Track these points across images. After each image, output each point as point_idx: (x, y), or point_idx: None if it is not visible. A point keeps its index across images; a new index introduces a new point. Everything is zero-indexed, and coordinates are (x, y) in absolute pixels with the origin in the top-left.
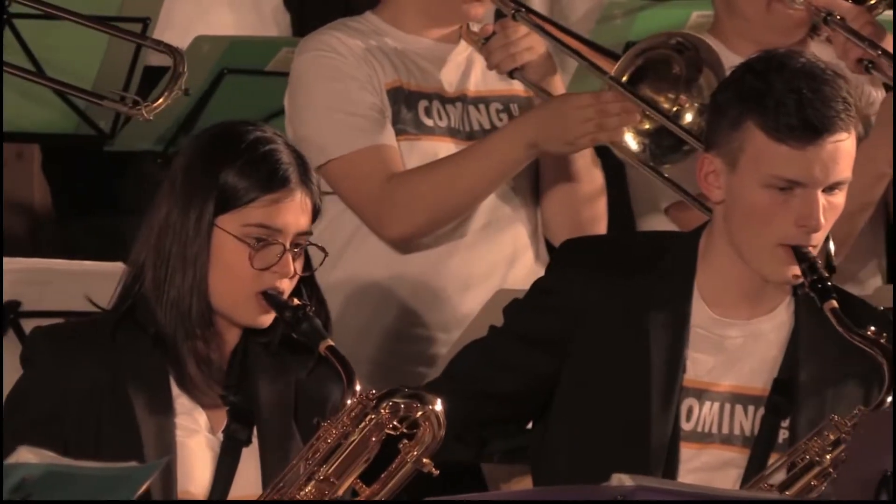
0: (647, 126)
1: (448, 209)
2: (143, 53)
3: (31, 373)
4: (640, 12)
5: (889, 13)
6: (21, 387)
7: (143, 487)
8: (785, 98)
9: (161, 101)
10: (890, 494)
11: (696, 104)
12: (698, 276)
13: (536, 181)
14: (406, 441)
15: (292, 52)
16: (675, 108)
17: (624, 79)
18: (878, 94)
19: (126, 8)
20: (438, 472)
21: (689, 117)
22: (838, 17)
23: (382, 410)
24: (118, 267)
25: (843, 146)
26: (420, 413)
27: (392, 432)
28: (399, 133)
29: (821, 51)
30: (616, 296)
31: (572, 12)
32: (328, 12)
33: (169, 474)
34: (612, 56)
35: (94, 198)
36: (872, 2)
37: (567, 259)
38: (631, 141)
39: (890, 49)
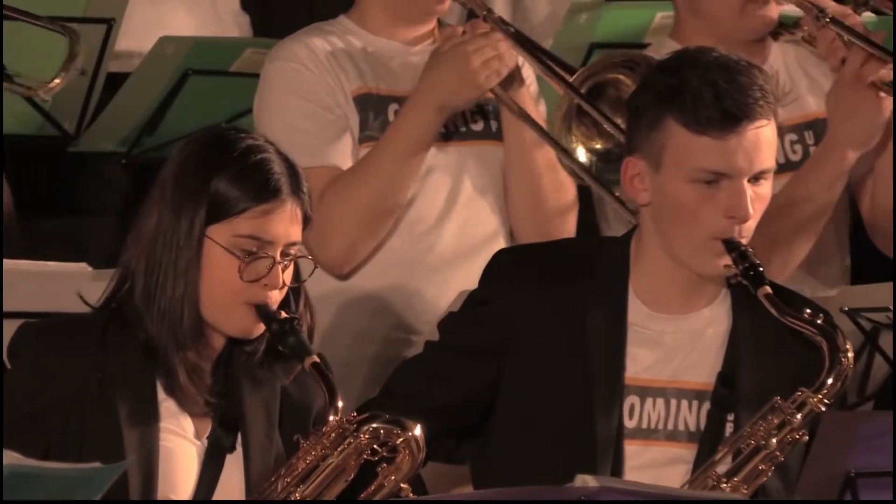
0: (598, 146)
1: (380, 203)
2: (105, 59)
3: (18, 368)
4: (604, 13)
5: (868, 15)
6: (7, 383)
7: (108, 489)
8: (701, 91)
9: (58, 80)
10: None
11: None
12: (632, 278)
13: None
14: (385, 465)
15: (256, 53)
16: None
17: (582, 90)
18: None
19: (90, 9)
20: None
21: None
22: (830, 15)
23: (362, 435)
24: (81, 268)
25: (764, 133)
26: (400, 439)
27: (371, 457)
28: (366, 140)
29: (786, 53)
30: (551, 301)
31: (534, 14)
32: (293, 11)
33: (149, 478)
34: (570, 70)
35: (57, 198)
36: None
37: (499, 269)
38: (581, 156)
39: None
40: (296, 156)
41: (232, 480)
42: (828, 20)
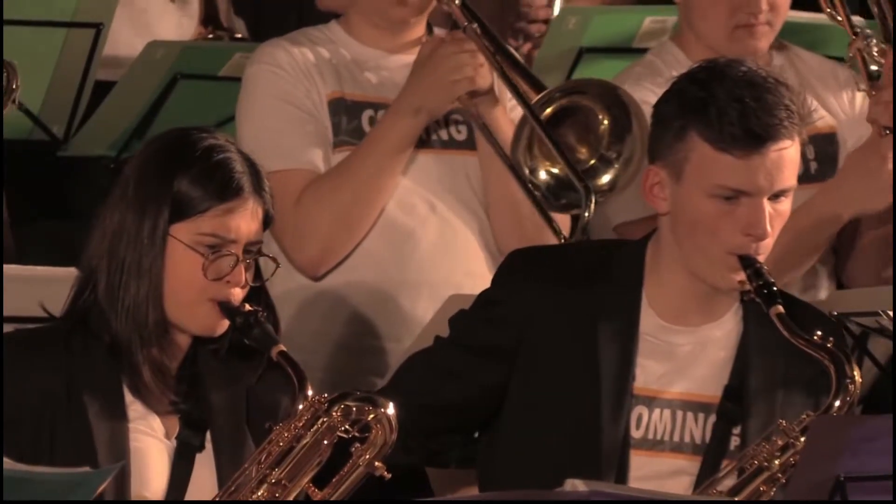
0: (556, 170)
1: (357, 207)
2: (94, 64)
3: None
4: (593, 18)
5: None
6: None
7: (98, 492)
8: (727, 107)
9: None
10: (843, 498)
11: (615, 163)
12: (646, 286)
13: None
14: (358, 444)
15: (245, 58)
16: (592, 161)
17: (549, 110)
18: (851, 113)
19: (80, 13)
20: (390, 475)
21: (605, 177)
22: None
23: (334, 413)
24: (71, 272)
25: (787, 153)
26: (372, 416)
27: (344, 435)
28: (340, 144)
29: (786, 62)
30: (563, 305)
31: None
32: (283, 17)
33: (123, 479)
34: (538, 86)
35: (47, 203)
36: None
37: (513, 270)
38: (537, 175)
39: None
40: (273, 157)
41: (203, 479)
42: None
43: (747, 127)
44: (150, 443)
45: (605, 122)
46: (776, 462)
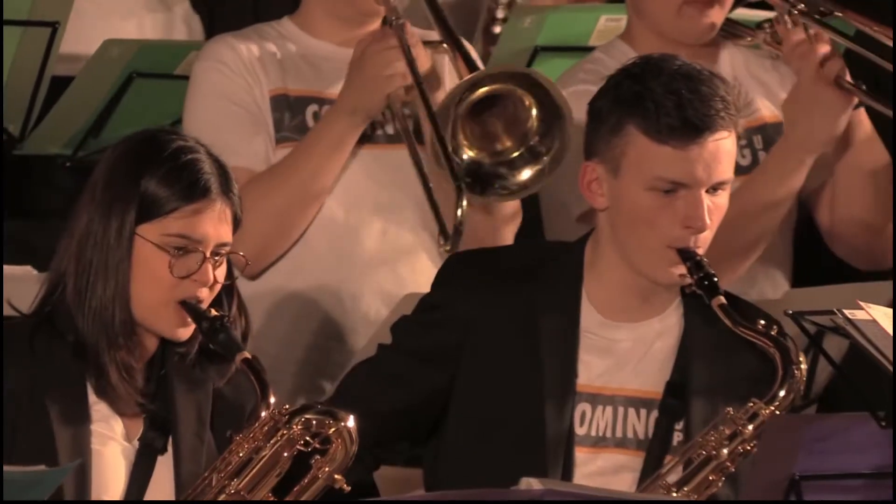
0: (473, 153)
1: (292, 208)
2: (50, 63)
3: None
4: (548, 16)
5: None
6: None
7: (56, 492)
8: (664, 99)
9: None
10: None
11: (536, 162)
12: (586, 283)
13: None
14: (318, 457)
15: None
16: (516, 153)
17: (478, 92)
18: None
19: (35, 12)
20: (350, 488)
21: (525, 172)
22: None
23: (294, 426)
24: (26, 271)
25: (724, 145)
26: (332, 430)
27: (303, 448)
28: (283, 140)
29: (734, 56)
30: (503, 306)
31: None
32: (237, 15)
33: (83, 481)
34: (473, 67)
35: (1, 202)
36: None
37: (452, 273)
38: (466, 151)
39: None
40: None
41: (162, 482)
42: (797, 12)
43: (684, 118)
44: (109, 445)
45: (535, 115)
46: (724, 451)
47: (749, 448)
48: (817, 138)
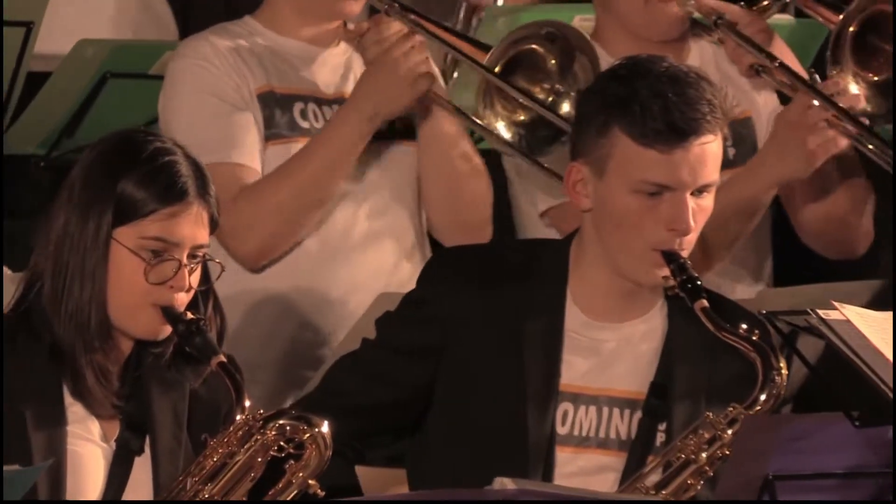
0: (522, 117)
1: (298, 207)
2: (24, 63)
3: None
4: (521, 17)
5: (779, 16)
6: None
7: (31, 492)
8: (650, 102)
9: None
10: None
11: (571, 92)
12: (570, 283)
13: (417, 185)
14: (292, 462)
15: None
16: (550, 98)
17: (497, 69)
18: (767, 98)
19: (8, 11)
20: (324, 493)
21: (565, 107)
22: (729, 21)
23: (269, 431)
24: None
25: (710, 148)
26: (307, 435)
27: (277, 454)
28: (274, 137)
29: (704, 52)
30: (488, 304)
31: None
32: (210, 15)
33: (57, 481)
34: (485, 48)
35: None
36: (766, 3)
37: (437, 270)
38: (505, 131)
39: (779, 53)
40: (203, 152)
41: (140, 483)
42: (724, 24)
43: (670, 121)
44: (87, 446)
45: (552, 59)
46: (703, 455)
47: (728, 453)
48: (784, 173)
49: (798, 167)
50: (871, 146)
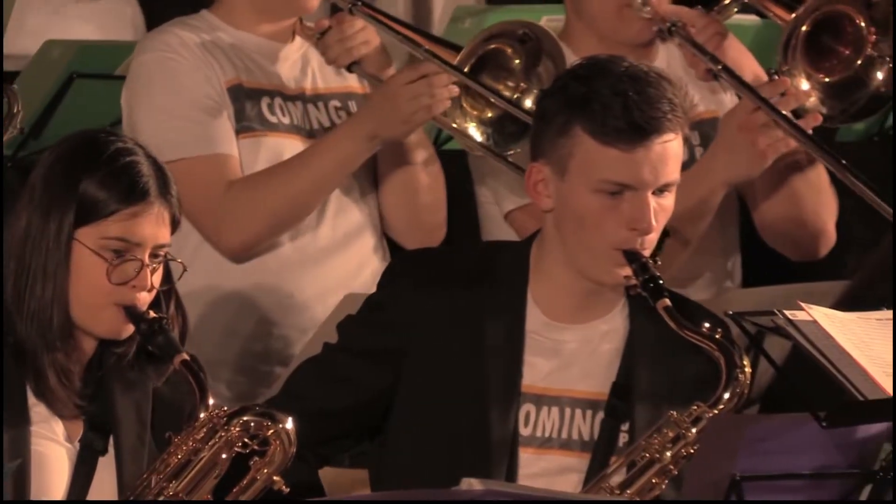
0: (489, 115)
1: (290, 211)
2: None
3: None
4: (488, 17)
5: (744, 17)
6: None
7: None
8: (611, 101)
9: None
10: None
11: (534, 91)
12: (531, 284)
13: (376, 184)
14: (257, 458)
15: None
16: (515, 96)
17: (466, 68)
18: (728, 99)
19: None
20: (289, 489)
21: (528, 103)
22: (683, 27)
23: (233, 428)
24: None
25: (671, 147)
26: (271, 431)
27: (242, 450)
28: (244, 130)
29: (672, 54)
30: (449, 307)
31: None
32: (179, 13)
33: (22, 482)
34: (453, 48)
35: None
36: (726, 2)
37: (398, 273)
38: (474, 131)
39: (735, 54)
40: (180, 145)
41: (104, 483)
42: (678, 32)
43: (631, 120)
44: (51, 446)
45: (518, 59)
46: (668, 454)
47: (692, 451)
48: (732, 173)
49: (749, 167)
50: (813, 150)
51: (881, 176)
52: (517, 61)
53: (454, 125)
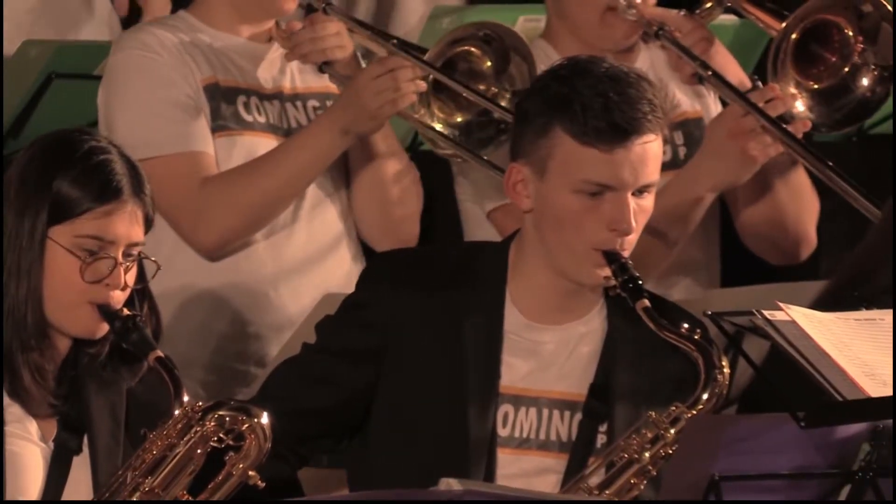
0: (458, 119)
1: (265, 207)
2: None
3: None
4: (466, 17)
5: (724, 17)
6: None
7: None
8: (591, 102)
9: None
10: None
11: (507, 93)
12: (510, 285)
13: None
14: (232, 453)
15: None
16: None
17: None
18: (712, 100)
19: None
20: (264, 484)
21: (504, 104)
22: (670, 31)
23: (208, 423)
24: None
25: (651, 148)
26: (246, 426)
27: (217, 444)
28: (220, 129)
29: (655, 56)
30: (427, 307)
31: (410, 16)
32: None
33: None
34: (420, 50)
35: None
36: (708, 5)
37: (377, 273)
38: (443, 133)
39: (721, 59)
40: (156, 143)
41: (79, 483)
42: (664, 35)
43: (611, 120)
44: (26, 446)
45: (488, 61)
46: (646, 454)
47: (671, 452)
48: (720, 179)
49: (737, 173)
50: (802, 155)
51: (860, 177)
52: (487, 63)
53: (424, 124)
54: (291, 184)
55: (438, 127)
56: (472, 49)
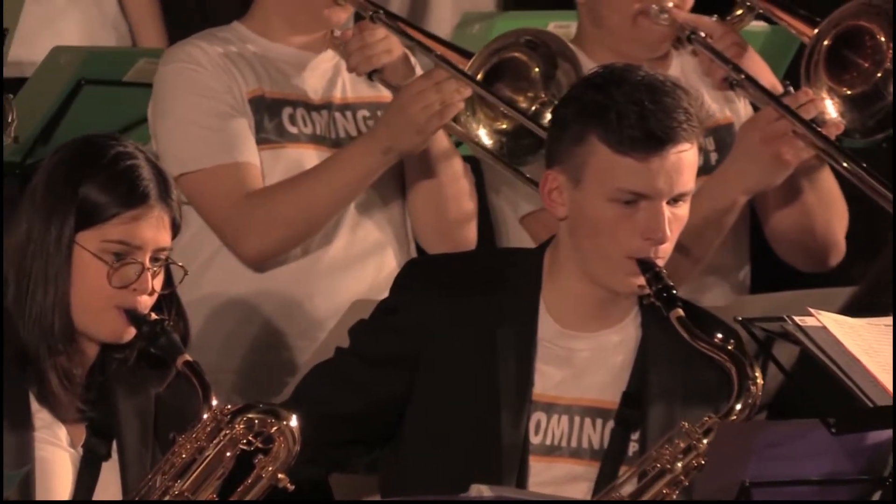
0: (504, 126)
1: (306, 224)
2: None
3: None
4: (496, 23)
5: (754, 24)
6: None
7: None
8: (627, 110)
9: None
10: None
11: (555, 101)
12: (544, 292)
13: (402, 192)
14: (261, 456)
15: (150, 63)
16: (533, 107)
17: (479, 77)
18: (742, 106)
19: None
20: (294, 487)
21: (549, 115)
22: (702, 36)
23: (237, 426)
24: None
25: (686, 157)
26: (275, 428)
27: (246, 447)
28: (262, 142)
29: (686, 62)
30: (461, 313)
31: (440, 24)
32: (188, 20)
33: (27, 488)
34: (468, 55)
35: None
36: (740, 12)
37: (411, 279)
38: (487, 139)
39: (752, 64)
40: (201, 156)
41: (109, 488)
42: (697, 39)
43: (647, 129)
44: (55, 452)
45: (536, 67)
46: (679, 465)
47: (703, 462)
48: (752, 183)
49: (770, 176)
50: (837, 159)
51: (891, 183)
52: (536, 69)
53: (467, 133)
54: (332, 202)
55: (484, 132)
56: (519, 55)
